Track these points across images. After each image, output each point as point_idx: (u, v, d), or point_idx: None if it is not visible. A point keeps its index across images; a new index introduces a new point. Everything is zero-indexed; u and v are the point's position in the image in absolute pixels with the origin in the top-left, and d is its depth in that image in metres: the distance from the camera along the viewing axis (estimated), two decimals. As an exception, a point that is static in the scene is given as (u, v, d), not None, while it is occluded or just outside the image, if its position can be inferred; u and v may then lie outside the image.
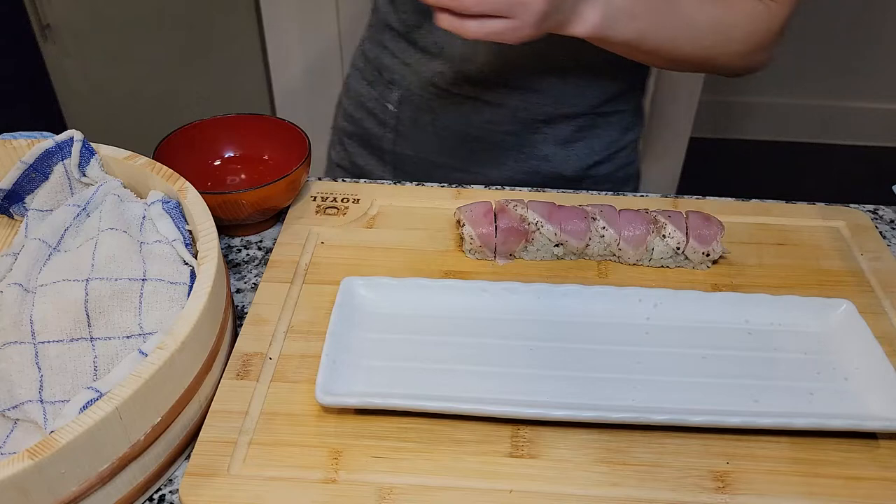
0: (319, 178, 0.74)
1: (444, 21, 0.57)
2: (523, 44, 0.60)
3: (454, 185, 0.74)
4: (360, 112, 0.89)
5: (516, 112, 0.79)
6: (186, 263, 0.55)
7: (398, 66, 0.82)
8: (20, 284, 0.53)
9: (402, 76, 0.82)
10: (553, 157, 0.82)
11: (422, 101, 0.82)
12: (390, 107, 0.84)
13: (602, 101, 0.80)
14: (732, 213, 0.70)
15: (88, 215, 0.58)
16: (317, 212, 0.70)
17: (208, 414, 0.51)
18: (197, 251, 0.55)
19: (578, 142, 0.82)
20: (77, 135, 0.61)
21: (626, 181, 0.88)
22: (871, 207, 0.75)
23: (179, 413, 0.48)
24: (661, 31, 0.65)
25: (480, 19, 0.56)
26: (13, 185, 0.61)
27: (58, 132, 0.62)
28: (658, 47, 0.66)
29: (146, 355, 0.46)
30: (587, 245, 0.64)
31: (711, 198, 0.73)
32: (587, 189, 0.77)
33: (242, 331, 0.57)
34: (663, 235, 0.63)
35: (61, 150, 0.61)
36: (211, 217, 0.56)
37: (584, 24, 0.61)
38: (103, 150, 0.62)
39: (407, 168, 0.87)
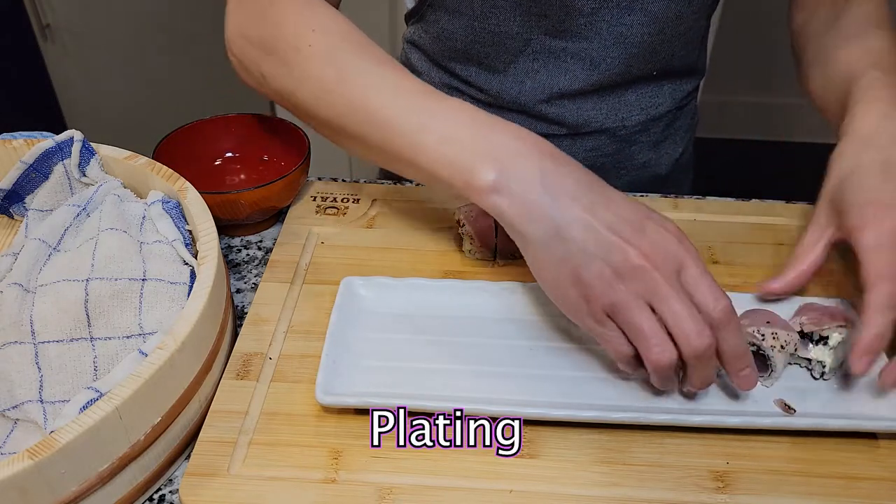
0: (319, 178, 0.74)
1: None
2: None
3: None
4: None
5: (615, 132, 0.79)
6: (186, 263, 0.55)
7: (474, 94, 0.79)
8: (20, 284, 0.53)
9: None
10: (649, 162, 0.83)
11: None
12: None
13: (683, 97, 0.82)
14: (732, 213, 0.70)
15: (88, 215, 0.58)
16: (317, 212, 0.70)
17: (208, 414, 0.51)
18: (197, 251, 0.55)
19: (666, 140, 0.84)
20: (77, 135, 0.61)
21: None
22: (871, 207, 0.75)
23: (179, 413, 0.48)
24: None
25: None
26: (13, 185, 0.61)
27: (58, 132, 0.62)
28: None
29: (146, 355, 0.46)
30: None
31: (711, 198, 0.73)
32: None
33: (242, 331, 0.57)
34: None
35: (61, 150, 0.61)
36: (211, 217, 0.56)
37: None
38: (103, 150, 0.62)
39: None
